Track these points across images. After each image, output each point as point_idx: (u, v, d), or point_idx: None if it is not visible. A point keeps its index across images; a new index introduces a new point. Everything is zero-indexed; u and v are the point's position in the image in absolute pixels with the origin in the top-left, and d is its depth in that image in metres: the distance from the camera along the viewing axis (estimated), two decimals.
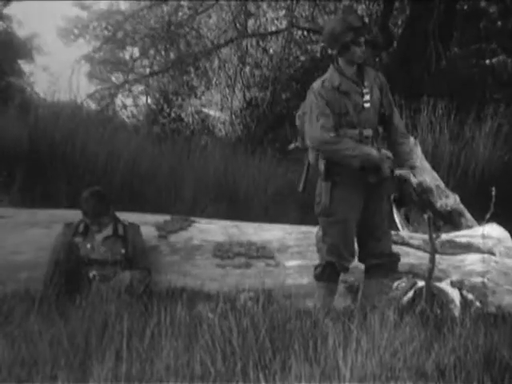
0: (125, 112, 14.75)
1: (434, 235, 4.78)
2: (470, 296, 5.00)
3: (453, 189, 6.47)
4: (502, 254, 5.39)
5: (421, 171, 6.23)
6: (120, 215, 5.20)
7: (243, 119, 13.26)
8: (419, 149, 6.35)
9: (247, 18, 13.47)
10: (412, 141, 6.04)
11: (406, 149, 4.68)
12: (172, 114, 13.90)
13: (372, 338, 3.36)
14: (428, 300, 4.68)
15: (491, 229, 5.53)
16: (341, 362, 3.08)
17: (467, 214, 6.21)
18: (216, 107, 14.05)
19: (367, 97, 4.40)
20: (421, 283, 4.91)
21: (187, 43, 14.44)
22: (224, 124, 13.54)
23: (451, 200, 6.23)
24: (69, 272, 4.75)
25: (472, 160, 8.23)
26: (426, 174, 6.29)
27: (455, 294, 4.98)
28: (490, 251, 5.40)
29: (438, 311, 4.62)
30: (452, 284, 5.08)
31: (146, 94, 15.05)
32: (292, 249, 5.40)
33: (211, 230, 5.53)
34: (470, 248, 5.44)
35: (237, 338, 3.38)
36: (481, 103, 9.91)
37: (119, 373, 3.07)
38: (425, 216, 4.69)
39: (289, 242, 5.45)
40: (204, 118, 14.00)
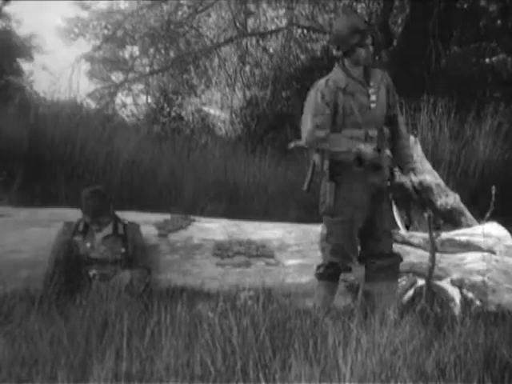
0: (125, 111, 14.73)
1: (434, 234, 4.78)
2: (470, 295, 5.00)
3: (453, 187, 6.48)
4: (502, 253, 5.39)
5: (421, 170, 6.24)
6: (120, 214, 5.20)
7: (243, 118, 13.26)
8: (419, 147, 6.36)
9: (247, 17, 13.48)
10: (412, 139, 6.05)
11: (408, 151, 4.69)
12: (172, 113, 13.88)
13: (372, 337, 3.35)
14: (428, 299, 4.68)
15: (491, 227, 5.53)
16: (341, 361, 3.08)
17: (467, 213, 6.22)
18: (216, 106, 14.06)
19: (373, 97, 4.41)
20: (421, 282, 4.92)
21: (187, 42, 14.44)
22: (224, 123, 13.55)
23: (451, 199, 6.24)
24: (69, 271, 4.75)
25: (472, 159, 8.23)
26: (426, 173, 6.29)
27: (455, 293, 4.99)
28: (490, 250, 5.40)
29: (438, 310, 4.63)
30: (452, 283, 5.08)
31: (146, 93, 15.03)
32: (292, 248, 5.40)
33: (211, 229, 5.53)
34: (470, 247, 5.44)
35: (237, 337, 3.38)
36: (481, 102, 9.91)
37: (119, 372, 3.07)
38: (425, 215, 4.70)
39: (289, 241, 5.45)
40: (204, 117, 14.00)
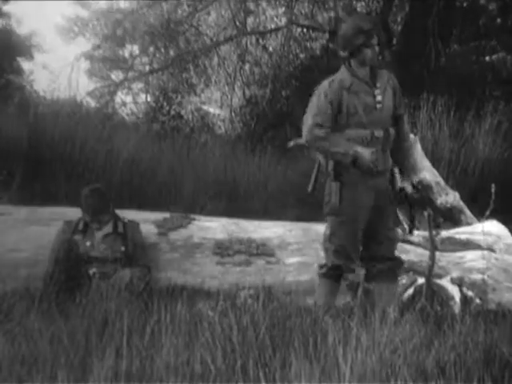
0: (124, 110, 14.73)
1: (434, 232, 4.78)
2: (470, 293, 5.00)
3: (453, 186, 6.48)
4: (502, 251, 5.39)
5: (420, 168, 6.24)
6: (120, 213, 5.20)
7: (243, 117, 13.27)
8: (419, 146, 6.35)
9: (247, 16, 13.48)
10: (412, 138, 6.04)
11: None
12: (172, 112, 13.89)
13: (372, 335, 3.35)
14: (428, 297, 4.68)
15: (491, 225, 5.53)
16: (341, 360, 3.08)
17: (467, 211, 6.22)
18: (216, 105, 14.06)
19: (379, 97, 4.40)
20: (421, 280, 4.92)
21: (187, 41, 14.44)
22: (224, 121, 13.55)
23: (451, 197, 6.24)
24: (69, 270, 4.76)
25: (472, 157, 8.23)
26: (426, 171, 6.29)
27: (455, 291, 4.99)
28: (490, 248, 5.40)
29: (438, 308, 4.63)
30: (452, 281, 5.08)
31: (146, 92, 15.03)
32: (292, 246, 5.40)
33: (211, 228, 5.53)
34: (470, 245, 5.44)
35: (237, 336, 3.38)
36: (480, 100, 9.91)
37: (119, 370, 3.07)
38: (425, 213, 4.70)
39: (289, 239, 5.45)
40: (203, 116, 14.00)
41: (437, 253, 4.84)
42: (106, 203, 5.11)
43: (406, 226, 5.62)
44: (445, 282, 5.03)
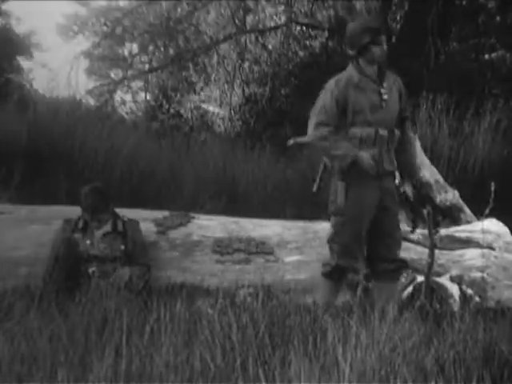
0: (124, 108, 14.75)
1: (434, 230, 4.78)
2: (470, 291, 5.01)
3: (452, 184, 6.48)
4: (502, 249, 5.39)
5: (420, 167, 6.24)
6: (119, 211, 5.20)
7: (242, 115, 13.26)
8: (418, 144, 6.35)
9: (246, 14, 13.48)
10: (411, 136, 6.04)
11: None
12: (171, 110, 13.89)
13: (371, 334, 3.35)
14: (427, 295, 4.68)
15: (490, 224, 5.53)
16: (340, 358, 3.08)
17: (466, 209, 6.22)
18: (215, 103, 14.04)
19: (385, 96, 4.40)
20: (420, 278, 4.92)
21: (186, 39, 14.43)
22: (223, 120, 13.54)
23: (450, 195, 6.24)
24: (68, 268, 4.76)
25: (471, 155, 8.23)
26: (426, 170, 6.30)
27: (454, 289, 4.99)
28: (490, 246, 5.40)
29: (438, 306, 4.63)
30: (451, 279, 5.08)
31: (145, 90, 15.04)
32: (291, 244, 5.40)
33: (210, 226, 5.53)
34: (470, 243, 5.45)
35: (236, 334, 3.38)
36: (480, 98, 9.90)
37: (119, 369, 3.07)
38: (424, 211, 4.69)
39: (288, 238, 5.45)
40: (203, 114, 13.99)
41: (436, 251, 4.84)
42: (106, 202, 5.11)
43: (406, 226, 5.63)
44: (444, 280, 5.03)
